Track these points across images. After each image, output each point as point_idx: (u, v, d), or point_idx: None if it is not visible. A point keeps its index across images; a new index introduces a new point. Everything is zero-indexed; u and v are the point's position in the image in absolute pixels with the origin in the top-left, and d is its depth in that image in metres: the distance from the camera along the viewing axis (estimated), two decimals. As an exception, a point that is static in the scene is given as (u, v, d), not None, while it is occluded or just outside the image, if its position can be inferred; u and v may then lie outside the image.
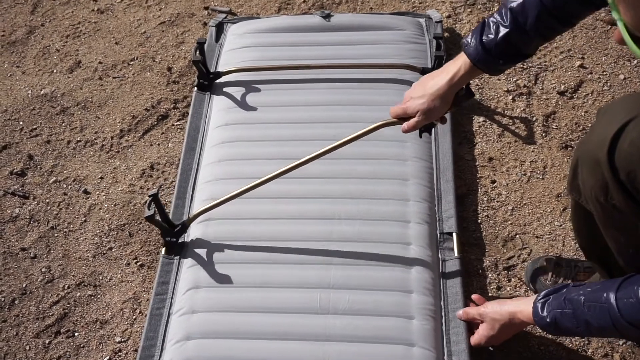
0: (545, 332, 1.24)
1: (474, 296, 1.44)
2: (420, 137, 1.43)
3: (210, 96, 1.91)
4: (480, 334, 1.36)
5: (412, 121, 1.36)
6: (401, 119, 1.38)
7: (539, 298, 1.21)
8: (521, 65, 1.97)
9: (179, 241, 1.57)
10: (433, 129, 1.44)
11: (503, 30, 1.24)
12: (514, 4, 1.23)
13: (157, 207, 1.48)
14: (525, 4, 1.22)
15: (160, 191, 1.76)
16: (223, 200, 1.52)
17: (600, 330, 1.12)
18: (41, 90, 2.08)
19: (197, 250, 1.54)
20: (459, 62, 1.31)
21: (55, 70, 2.14)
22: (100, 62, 2.15)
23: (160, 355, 1.40)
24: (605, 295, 1.10)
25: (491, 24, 1.26)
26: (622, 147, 1.06)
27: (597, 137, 1.10)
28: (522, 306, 1.26)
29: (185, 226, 1.56)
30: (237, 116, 1.82)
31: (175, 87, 2.04)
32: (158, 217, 1.49)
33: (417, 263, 1.49)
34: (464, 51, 1.30)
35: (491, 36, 1.25)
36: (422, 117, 1.34)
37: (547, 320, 1.18)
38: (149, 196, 1.46)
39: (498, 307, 1.32)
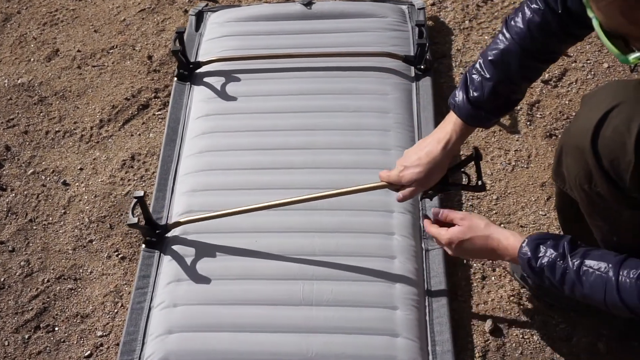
0: (524, 280, 1.19)
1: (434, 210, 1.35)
2: (421, 200, 1.43)
3: (190, 86, 1.88)
4: (448, 230, 1.26)
5: (408, 191, 1.34)
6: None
7: (535, 237, 1.14)
8: (505, 53, 1.96)
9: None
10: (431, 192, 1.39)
11: (488, 85, 1.21)
12: (491, 56, 1.21)
13: (142, 209, 1.46)
14: (504, 53, 1.20)
15: (143, 190, 1.74)
16: (210, 216, 1.50)
17: (585, 296, 1.08)
18: (18, 79, 2.04)
19: (178, 243, 1.52)
20: (450, 126, 1.27)
21: (32, 59, 2.10)
22: (78, 51, 2.11)
23: (142, 350, 1.39)
24: (605, 265, 1.06)
25: (474, 79, 1.23)
26: (605, 135, 1.06)
27: (581, 125, 1.10)
28: (510, 234, 1.19)
29: (167, 230, 1.54)
30: (218, 106, 1.80)
31: (156, 76, 2.00)
32: (141, 218, 1.48)
33: (400, 253, 1.48)
34: (454, 111, 1.26)
35: (477, 93, 1.22)
36: (419, 187, 1.31)
37: (535, 264, 1.12)
38: (134, 198, 1.45)
39: (483, 222, 1.24)
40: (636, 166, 1.03)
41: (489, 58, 1.22)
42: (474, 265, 1.53)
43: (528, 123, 1.80)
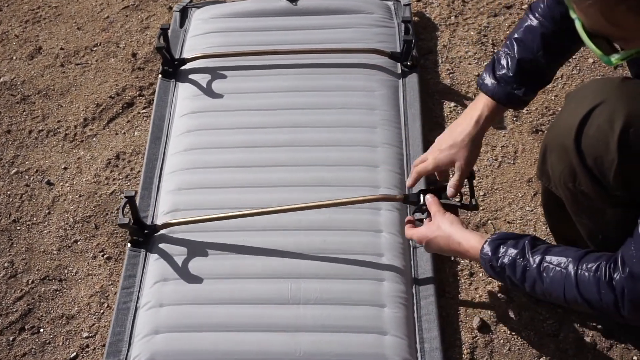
0: (487, 275, 1.22)
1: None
2: (413, 214, 1.44)
3: (175, 84, 1.86)
4: (419, 229, 1.32)
5: (455, 179, 1.32)
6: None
7: (494, 237, 1.16)
8: (492, 49, 1.96)
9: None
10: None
11: (513, 61, 1.24)
12: (515, 34, 1.25)
13: (131, 209, 1.45)
14: (526, 30, 1.24)
15: (128, 189, 1.72)
16: (201, 219, 1.50)
17: (545, 292, 1.09)
18: (0, 77, 2.01)
19: (164, 242, 1.51)
20: (480, 104, 1.29)
21: (14, 57, 2.08)
22: (61, 49, 2.09)
23: (128, 350, 1.37)
24: (565, 261, 1.07)
25: (501, 57, 1.27)
26: (588, 133, 1.06)
27: (565, 123, 1.11)
28: (471, 236, 1.21)
29: (155, 230, 1.52)
30: (203, 104, 1.79)
31: (140, 74, 1.99)
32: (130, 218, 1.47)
33: (388, 251, 1.48)
34: (481, 89, 1.29)
35: (503, 70, 1.25)
36: (464, 167, 1.30)
37: (496, 263, 1.13)
38: (125, 197, 1.43)
39: (450, 221, 1.26)
40: (619, 164, 1.03)
41: (514, 36, 1.25)
42: (462, 262, 1.53)
43: (514, 119, 1.80)
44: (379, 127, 1.70)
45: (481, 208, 1.62)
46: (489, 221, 1.60)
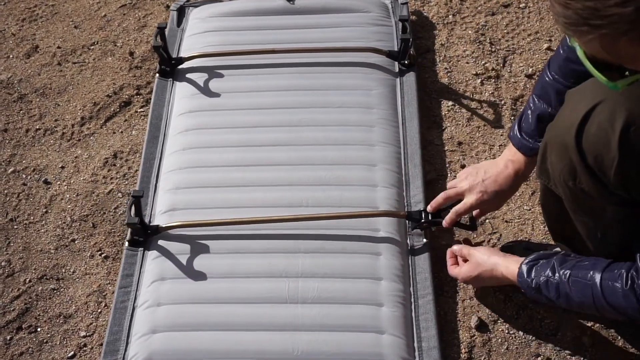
0: (526, 295, 1.28)
1: (464, 239, 1.49)
2: (412, 230, 1.52)
3: (172, 83, 1.86)
4: (462, 270, 1.39)
5: (472, 212, 1.44)
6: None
7: (527, 260, 1.24)
8: (489, 48, 1.96)
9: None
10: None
11: (534, 115, 1.30)
12: (536, 90, 1.31)
13: (136, 209, 1.45)
14: (543, 85, 1.29)
15: (127, 188, 1.72)
16: (205, 223, 1.51)
17: (580, 305, 1.16)
18: (-3, 76, 2.01)
19: (162, 242, 1.51)
20: (518, 157, 1.36)
21: (11, 56, 2.07)
22: (58, 47, 2.08)
23: (126, 350, 1.37)
24: (591, 273, 1.13)
25: (525, 112, 1.33)
26: (589, 131, 1.06)
27: (565, 121, 1.11)
28: (510, 264, 1.28)
29: (158, 231, 1.52)
30: (201, 103, 1.78)
31: (137, 73, 1.98)
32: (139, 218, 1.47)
33: (385, 249, 1.48)
34: (512, 142, 1.37)
35: (526, 124, 1.32)
36: (493, 210, 1.48)
37: (532, 284, 1.21)
38: (133, 196, 1.44)
39: (487, 254, 1.35)
40: (620, 163, 1.03)
41: (534, 92, 1.32)
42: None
43: (512, 118, 1.80)
44: (377, 125, 1.70)
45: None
46: (487, 220, 1.60)
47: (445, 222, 1.44)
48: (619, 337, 1.40)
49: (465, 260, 1.40)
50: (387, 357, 1.32)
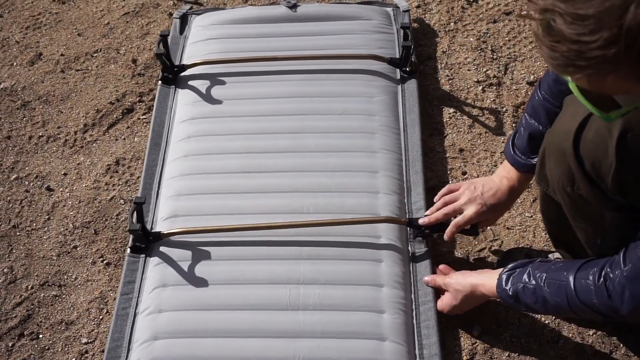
0: (507, 306, 1.30)
1: (440, 266, 1.47)
2: (414, 239, 1.53)
3: (175, 90, 1.86)
4: (444, 302, 1.40)
5: (474, 225, 1.45)
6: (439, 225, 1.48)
7: (505, 270, 1.25)
8: (491, 56, 1.96)
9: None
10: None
11: (525, 132, 1.32)
12: (528, 109, 1.33)
13: (138, 215, 1.46)
14: (534, 104, 1.31)
15: (129, 194, 1.72)
16: (207, 229, 1.51)
17: (556, 307, 1.16)
18: (0, 84, 2.02)
19: (164, 248, 1.51)
20: (513, 173, 1.38)
21: (15, 63, 2.08)
22: (62, 55, 2.09)
23: (127, 356, 1.37)
24: (565, 274, 1.14)
25: (518, 129, 1.35)
26: (587, 137, 1.07)
27: (563, 127, 1.11)
28: (485, 280, 1.30)
29: (159, 237, 1.52)
30: (203, 110, 1.79)
31: (140, 80, 1.99)
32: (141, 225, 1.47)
33: (387, 256, 1.48)
34: (506, 158, 1.39)
35: (519, 141, 1.35)
36: (492, 224, 1.49)
37: (509, 292, 1.22)
38: (135, 203, 1.44)
39: (462, 278, 1.36)
40: (617, 169, 1.03)
41: (526, 110, 1.34)
42: (461, 267, 1.52)
43: (513, 125, 1.80)
44: (378, 132, 1.71)
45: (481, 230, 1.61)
46: (488, 227, 1.60)
47: (446, 236, 1.45)
48: (621, 345, 1.40)
49: (444, 291, 1.41)
50: (389, 364, 1.32)
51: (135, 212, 1.46)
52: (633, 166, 1.03)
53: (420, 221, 1.49)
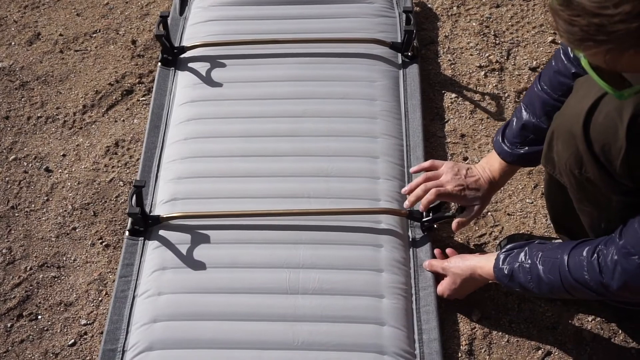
0: (503, 286, 1.30)
1: (436, 251, 1.47)
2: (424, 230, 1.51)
3: (174, 72, 1.85)
4: (444, 287, 1.40)
5: (468, 216, 1.41)
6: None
7: (503, 250, 1.26)
8: (493, 41, 1.95)
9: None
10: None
11: (519, 123, 1.31)
12: (525, 98, 1.32)
13: (137, 199, 1.45)
14: (532, 95, 1.30)
15: (128, 176, 1.71)
16: (206, 214, 1.51)
17: (549, 285, 1.16)
18: (-1, 63, 2.01)
19: (163, 231, 1.51)
20: (496, 161, 1.37)
21: (13, 43, 2.06)
22: (60, 35, 2.07)
23: (126, 339, 1.37)
24: (560, 251, 1.14)
25: (513, 119, 1.34)
26: (597, 120, 1.06)
27: (573, 109, 1.11)
28: (483, 262, 1.30)
29: (159, 221, 1.52)
30: (203, 92, 1.78)
31: (140, 61, 1.97)
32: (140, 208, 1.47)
33: (387, 241, 1.48)
34: (494, 147, 1.38)
35: (509, 131, 1.34)
36: (479, 208, 1.40)
37: (505, 272, 1.22)
38: (134, 186, 1.44)
39: (460, 262, 1.36)
40: (627, 152, 1.03)
41: (522, 100, 1.33)
42: (461, 253, 1.52)
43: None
44: (379, 117, 1.70)
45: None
46: (489, 213, 1.59)
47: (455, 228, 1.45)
48: (620, 332, 1.40)
49: (444, 276, 1.41)
50: (388, 349, 1.32)
51: (134, 196, 1.45)
52: None
53: (403, 190, 1.48)
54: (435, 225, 1.52)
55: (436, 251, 1.47)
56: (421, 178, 1.45)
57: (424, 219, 1.49)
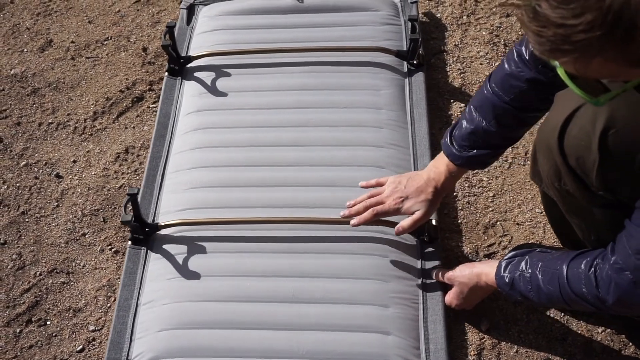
0: (505, 295, 1.27)
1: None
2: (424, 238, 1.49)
3: (181, 81, 1.86)
4: (451, 297, 1.39)
5: (410, 222, 1.38)
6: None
7: (505, 257, 1.24)
8: (503, 50, 1.95)
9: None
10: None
11: (469, 124, 1.28)
12: (474, 101, 1.29)
13: (133, 206, 1.45)
14: (481, 97, 1.27)
15: (136, 184, 1.72)
16: (204, 221, 1.50)
17: (548, 296, 1.14)
18: (11, 70, 2.02)
19: (166, 239, 1.51)
20: (442, 162, 1.35)
21: (25, 50, 2.08)
22: (72, 42, 2.09)
23: (130, 347, 1.37)
24: (559, 262, 1.13)
25: (460, 121, 1.31)
26: (570, 133, 1.07)
27: (551, 123, 1.12)
28: (488, 269, 1.28)
29: (157, 228, 1.52)
30: (209, 102, 1.78)
31: (150, 68, 1.99)
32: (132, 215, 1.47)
33: (394, 250, 1.47)
34: (442, 148, 1.35)
35: (457, 133, 1.31)
36: (422, 214, 1.37)
37: (506, 280, 1.21)
38: (128, 195, 1.43)
39: (466, 270, 1.34)
40: (600, 165, 1.03)
41: (472, 103, 1.30)
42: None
43: (525, 120, 1.78)
44: (385, 126, 1.69)
45: (490, 209, 1.61)
46: (498, 222, 1.59)
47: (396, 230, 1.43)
48: (630, 343, 1.39)
49: (452, 286, 1.39)
50: (393, 358, 1.32)
51: (129, 204, 1.44)
52: (616, 163, 1.04)
53: (341, 214, 1.45)
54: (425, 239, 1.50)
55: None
56: (365, 195, 1.43)
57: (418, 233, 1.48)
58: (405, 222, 1.39)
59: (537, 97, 1.21)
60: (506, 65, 1.24)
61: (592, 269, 1.07)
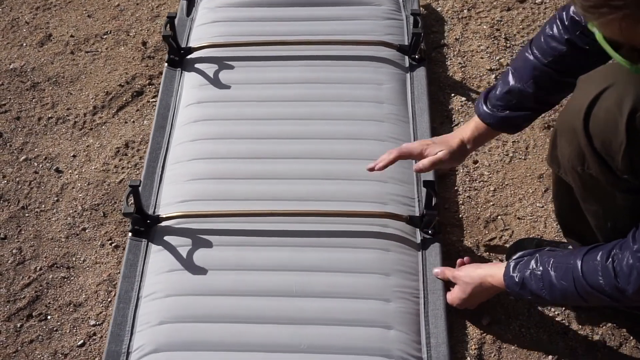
0: (512, 297, 1.26)
1: (465, 259, 1.43)
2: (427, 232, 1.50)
3: (181, 72, 1.85)
4: (453, 296, 1.38)
5: (432, 159, 1.36)
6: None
7: (513, 257, 1.23)
8: (504, 44, 1.94)
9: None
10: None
11: (504, 86, 1.28)
12: (514, 62, 1.29)
13: (135, 198, 1.44)
14: (522, 59, 1.27)
15: (137, 178, 1.72)
16: (205, 214, 1.50)
17: (562, 292, 1.13)
18: (10, 64, 2.01)
19: (167, 232, 1.50)
20: (472, 122, 1.35)
21: (24, 44, 2.07)
22: (72, 36, 2.08)
23: (130, 340, 1.36)
24: (572, 257, 1.12)
25: (499, 81, 1.31)
26: (597, 115, 1.06)
27: (574, 106, 1.10)
28: (494, 270, 1.28)
29: (158, 220, 1.51)
30: (209, 94, 1.77)
31: (150, 63, 1.98)
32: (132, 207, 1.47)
33: (395, 244, 1.47)
34: (475, 110, 1.35)
35: (493, 93, 1.30)
36: (445, 153, 1.36)
37: (516, 279, 1.20)
38: (130, 186, 1.43)
39: (471, 270, 1.34)
40: (627, 147, 1.02)
41: (511, 64, 1.30)
42: (471, 256, 1.52)
43: (526, 114, 1.78)
44: (386, 120, 1.69)
45: (491, 203, 1.61)
46: (499, 217, 1.59)
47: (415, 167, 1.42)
48: (631, 338, 1.39)
49: (455, 284, 1.39)
50: (394, 352, 1.32)
51: (130, 196, 1.44)
52: None
53: (367, 167, 1.43)
54: (429, 231, 1.50)
55: (466, 259, 1.43)
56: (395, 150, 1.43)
57: (423, 225, 1.48)
58: (424, 160, 1.37)
59: (575, 61, 1.20)
60: (547, 28, 1.24)
61: (610, 259, 1.06)
